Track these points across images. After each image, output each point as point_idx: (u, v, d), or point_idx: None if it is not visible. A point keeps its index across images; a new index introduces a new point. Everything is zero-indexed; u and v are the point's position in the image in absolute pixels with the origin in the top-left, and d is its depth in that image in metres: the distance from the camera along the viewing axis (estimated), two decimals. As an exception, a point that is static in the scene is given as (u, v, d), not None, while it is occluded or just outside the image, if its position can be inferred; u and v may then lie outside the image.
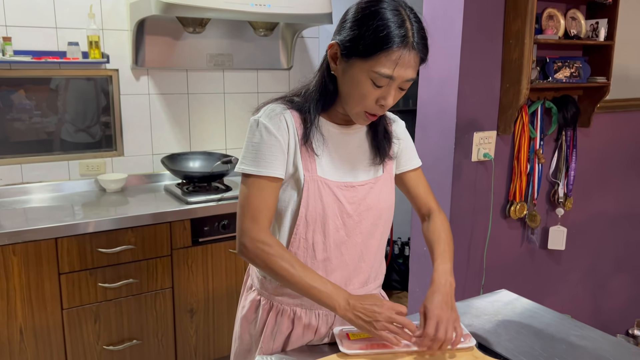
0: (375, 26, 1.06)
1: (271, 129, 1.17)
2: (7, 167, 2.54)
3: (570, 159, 2.50)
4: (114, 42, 2.68)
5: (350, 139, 1.26)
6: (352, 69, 1.11)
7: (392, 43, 1.05)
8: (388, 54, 1.06)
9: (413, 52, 1.08)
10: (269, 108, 1.21)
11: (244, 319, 1.34)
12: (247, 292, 1.36)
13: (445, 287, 1.20)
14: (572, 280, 2.74)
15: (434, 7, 2.21)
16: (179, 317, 2.49)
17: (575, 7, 2.38)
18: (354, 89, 1.13)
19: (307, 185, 1.19)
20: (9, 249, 2.09)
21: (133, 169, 2.86)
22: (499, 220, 2.40)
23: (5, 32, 2.44)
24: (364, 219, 1.26)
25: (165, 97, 2.88)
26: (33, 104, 2.57)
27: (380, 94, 1.12)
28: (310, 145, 1.19)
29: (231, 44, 2.96)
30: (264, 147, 1.17)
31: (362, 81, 1.11)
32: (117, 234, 2.29)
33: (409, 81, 1.12)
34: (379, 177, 1.29)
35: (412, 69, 1.10)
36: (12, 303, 2.13)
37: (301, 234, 1.21)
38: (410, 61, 1.08)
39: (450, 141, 2.20)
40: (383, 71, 1.07)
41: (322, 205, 1.20)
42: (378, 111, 1.15)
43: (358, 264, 1.28)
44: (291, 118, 1.19)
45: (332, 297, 1.13)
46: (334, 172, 1.23)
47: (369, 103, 1.13)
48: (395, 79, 1.09)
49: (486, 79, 2.21)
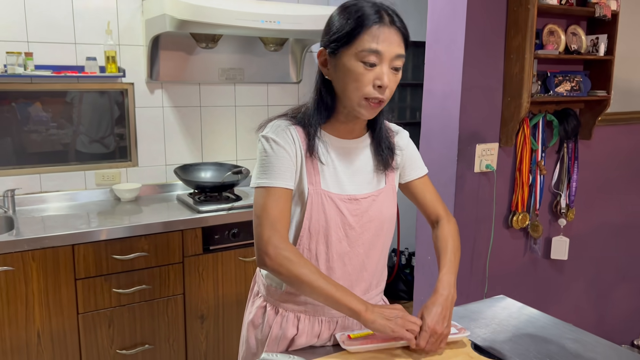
0: (352, 14, 1.16)
1: (279, 142, 1.22)
2: (26, 176, 2.65)
3: (572, 171, 2.55)
4: (130, 57, 2.79)
5: (353, 151, 1.31)
6: (342, 60, 1.17)
7: (369, 20, 1.14)
8: (368, 31, 1.13)
9: (393, 28, 1.15)
10: (274, 124, 1.26)
11: (250, 324, 1.40)
12: (254, 298, 1.42)
13: (446, 300, 1.25)
14: (575, 290, 2.78)
15: (438, 23, 2.29)
16: (189, 322, 2.57)
17: (575, 23, 2.46)
18: (349, 78, 1.17)
19: (311, 198, 1.24)
20: (28, 255, 2.18)
21: (147, 179, 2.95)
22: (501, 230, 2.45)
23: (27, 48, 2.56)
24: (366, 231, 1.31)
25: (178, 110, 2.98)
26: (50, 116, 2.68)
27: (374, 75, 1.15)
28: (315, 157, 1.24)
29: (242, 58, 3.06)
30: (274, 159, 1.21)
31: (353, 67, 1.15)
32: (131, 241, 2.37)
33: (399, 58, 1.17)
34: (382, 189, 1.33)
35: (396, 44, 1.15)
36: (31, 307, 2.21)
37: (305, 244, 1.27)
38: (392, 36, 1.15)
39: (453, 153, 2.27)
40: (368, 46, 1.13)
41: (325, 218, 1.25)
42: (378, 94, 1.17)
43: (360, 274, 1.33)
44: (296, 132, 1.25)
45: (356, 301, 1.18)
46: (337, 185, 1.27)
47: (366, 87, 1.16)
48: (383, 54, 1.14)
49: (488, 93, 2.28)
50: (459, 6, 2.18)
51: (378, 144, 1.32)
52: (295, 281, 1.18)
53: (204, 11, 2.38)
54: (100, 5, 2.68)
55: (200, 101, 3.03)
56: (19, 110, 2.60)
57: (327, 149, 1.28)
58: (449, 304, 1.25)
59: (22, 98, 2.60)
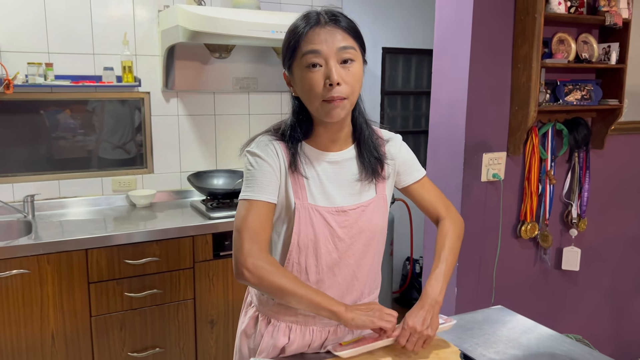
0: (290, 31, 1.22)
1: (263, 156, 1.25)
2: (45, 182, 2.74)
3: (584, 180, 2.52)
4: (146, 67, 2.87)
5: (339, 164, 1.31)
6: (295, 74, 1.22)
7: (301, 28, 1.18)
8: (304, 38, 1.17)
9: (328, 26, 1.17)
10: (258, 140, 1.29)
11: (243, 334, 1.43)
12: (247, 308, 1.45)
13: (431, 306, 1.28)
14: (589, 302, 2.74)
15: (444, 32, 2.30)
16: (200, 327, 2.61)
17: (587, 32, 2.43)
18: (304, 87, 1.20)
19: (298, 212, 1.25)
20: (44, 259, 2.26)
21: (162, 185, 3.03)
22: (510, 240, 2.44)
23: (48, 59, 2.66)
24: (357, 241, 1.31)
25: (193, 118, 3.05)
26: (68, 124, 2.77)
27: (323, 75, 1.17)
28: (298, 172, 1.26)
29: (256, 68, 3.12)
30: (257, 173, 1.25)
31: (303, 74, 1.19)
32: (142, 246, 2.43)
33: (345, 50, 1.17)
34: (371, 199, 1.33)
35: (334, 39, 1.17)
36: (45, 309, 2.29)
37: (294, 259, 1.28)
38: (328, 33, 1.17)
39: (459, 162, 2.27)
40: (305, 49, 1.17)
41: (313, 231, 1.26)
42: (332, 93, 1.17)
43: (351, 283, 1.34)
44: (279, 147, 1.27)
45: (335, 304, 1.21)
46: (324, 198, 1.28)
47: (318, 89, 1.18)
48: (322, 51, 1.16)
49: (495, 102, 2.27)
50: (465, 15, 2.18)
51: (364, 155, 1.32)
52: (276, 291, 1.20)
53: (215, 22, 2.44)
54: (118, 16, 2.77)
55: (215, 110, 3.09)
56: (39, 118, 2.70)
57: (311, 163, 1.29)
58: (432, 309, 1.28)
59: (42, 107, 2.70)
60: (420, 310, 1.27)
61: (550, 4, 2.21)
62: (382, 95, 3.76)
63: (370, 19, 3.58)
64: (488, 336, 1.46)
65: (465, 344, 1.41)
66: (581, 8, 2.32)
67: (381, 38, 3.65)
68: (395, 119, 3.88)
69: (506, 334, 1.48)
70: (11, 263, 2.20)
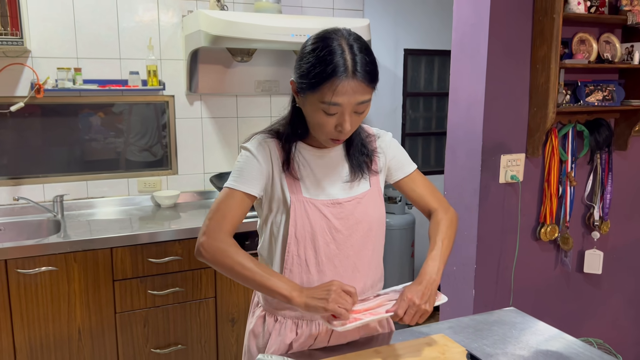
0: (318, 60, 1.17)
1: (255, 153, 1.31)
2: (74, 183, 2.84)
3: (606, 182, 2.49)
4: (170, 71, 2.95)
5: (329, 159, 1.37)
6: (307, 102, 1.23)
7: (331, 74, 1.15)
8: (330, 85, 1.16)
9: (354, 80, 1.16)
10: (256, 137, 1.35)
11: (251, 334, 1.47)
12: (254, 308, 1.50)
13: (429, 282, 1.28)
14: (612, 306, 2.69)
15: (462, 34, 2.30)
16: (221, 325, 2.67)
17: (609, 31, 2.40)
18: (313, 120, 1.24)
19: (294, 205, 1.31)
20: (71, 257, 2.35)
21: (186, 186, 3.10)
22: (529, 242, 2.42)
23: (77, 64, 2.76)
24: (354, 232, 1.36)
25: (216, 121, 3.11)
26: (96, 127, 2.87)
27: (336, 121, 1.21)
28: (291, 170, 1.32)
29: (277, 71, 3.16)
30: (245, 167, 1.30)
31: (316, 112, 1.22)
32: (165, 245, 2.50)
33: (362, 104, 1.20)
34: (366, 191, 1.38)
35: (356, 95, 1.18)
36: (72, 305, 2.38)
37: (293, 251, 1.33)
38: (352, 88, 1.17)
39: (477, 163, 2.26)
40: (328, 99, 1.17)
41: (309, 223, 1.31)
42: (340, 136, 1.24)
43: (352, 274, 1.38)
44: (274, 146, 1.33)
45: (287, 288, 1.21)
46: (319, 191, 1.34)
47: (328, 130, 1.23)
48: (344, 106, 1.18)
49: (513, 103, 2.26)
50: (483, 17, 2.18)
51: (353, 155, 1.37)
52: (227, 271, 1.24)
53: (237, 27, 2.49)
54: (143, 22, 2.85)
55: (237, 112, 3.15)
56: (68, 122, 2.80)
57: (306, 160, 1.34)
58: (431, 286, 1.28)
59: (71, 110, 2.80)
60: (419, 285, 1.28)
61: (569, 4, 2.19)
62: (404, 97, 3.76)
63: (392, 20, 3.59)
64: (497, 337, 1.47)
65: (473, 344, 1.42)
66: (602, 7, 2.29)
67: (403, 40, 3.66)
68: (418, 120, 3.87)
69: (516, 335, 1.48)
70: (40, 260, 2.29)
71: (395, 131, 3.74)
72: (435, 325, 1.55)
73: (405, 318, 1.25)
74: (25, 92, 2.66)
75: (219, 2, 2.82)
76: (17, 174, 2.74)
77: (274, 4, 2.86)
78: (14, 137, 2.71)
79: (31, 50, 2.66)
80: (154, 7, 2.87)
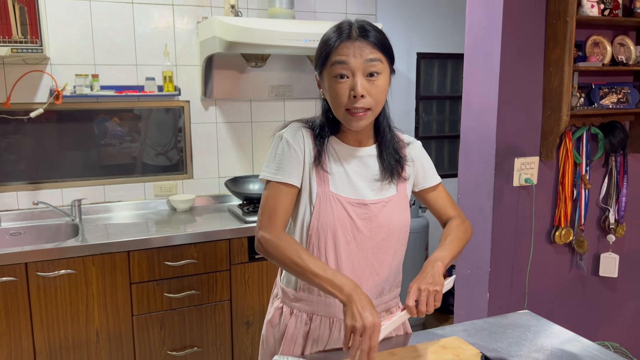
0: (325, 39, 1.30)
1: (291, 143, 1.34)
2: (91, 187, 2.89)
3: (621, 185, 2.47)
4: (185, 77, 2.99)
5: (361, 159, 1.39)
6: (324, 81, 1.31)
7: (333, 40, 1.26)
8: (335, 50, 1.26)
9: (357, 41, 1.25)
10: (292, 125, 1.39)
11: (269, 324, 1.49)
12: (273, 299, 1.52)
13: (431, 267, 1.27)
14: (627, 309, 2.67)
15: (475, 37, 2.31)
16: (236, 328, 2.69)
17: (623, 34, 2.39)
18: (330, 95, 1.30)
19: (319, 198, 1.33)
20: (89, 260, 2.39)
21: (201, 190, 3.13)
22: (544, 245, 2.41)
23: (94, 70, 2.81)
24: (375, 235, 1.37)
25: (231, 125, 3.14)
26: (113, 132, 2.91)
27: (348, 86, 1.26)
28: (322, 163, 1.35)
29: (291, 76, 3.19)
30: (284, 158, 1.34)
31: (330, 84, 1.28)
32: (181, 249, 2.53)
33: (371, 62, 1.25)
34: (392, 196, 1.40)
35: (363, 52, 1.25)
36: (91, 307, 2.42)
37: (314, 243, 1.35)
38: (357, 46, 1.25)
39: (490, 166, 2.27)
40: (334, 59, 1.25)
41: (333, 218, 1.33)
42: (355, 104, 1.26)
43: (370, 277, 1.39)
44: (309, 136, 1.36)
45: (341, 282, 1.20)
46: (346, 189, 1.36)
47: (343, 99, 1.27)
48: (350, 63, 1.24)
49: (527, 106, 2.26)
50: (496, 20, 2.19)
51: (384, 156, 1.40)
52: (283, 264, 1.28)
53: (251, 33, 2.53)
54: (159, 29, 2.90)
55: (252, 117, 3.18)
56: (85, 127, 2.85)
57: (338, 156, 1.37)
58: (432, 270, 1.25)
59: (88, 116, 2.85)
60: (422, 273, 1.26)
61: (582, 7, 2.19)
62: (417, 100, 3.77)
63: (404, 24, 3.60)
64: (512, 340, 1.47)
65: (488, 346, 1.43)
66: (616, 10, 2.28)
67: (415, 43, 3.67)
68: (431, 124, 3.88)
69: (531, 338, 1.48)
70: (59, 264, 2.33)
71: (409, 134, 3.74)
72: (450, 327, 1.55)
73: (420, 307, 1.21)
74: (44, 99, 2.72)
75: (234, 8, 2.85)
76: (36, 178, 2.79)
77: (288, 9, 2.89)
78: (33, 143, 2.77)
79: (50, 58, 2.71)
80: (169, 14, 2.91)
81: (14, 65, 2.65)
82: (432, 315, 3.74)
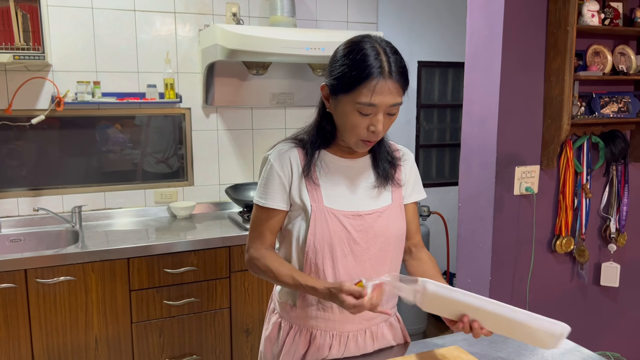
0: (354, 62, 1.22)
1: (275, 167, 1.35)
2: (92, 194, 2.89)
3: (622, 194, 2.47)
4: (187, 84, 3.00)
5: (354, 169, 1.39)
6: (340, 104, 1.26)
7: (369, 75, 1.20)
8: (366, 85, 1.20)
9: (390, 81, 1.21)
10: (278, 147, 1.38)
11: (267, 339, 1.49)
12: (271, 315, 1.51)
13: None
14: (629, 319, 2.66)
15: (476, 46, 2.32)
16: (235, 336, 2.68)
17: (624, 43, 2.40)
18: (346, 122, 1.26)
19: (314, 214, 1.33)
20: (88, 267, 2.38)
21: (202, 197, 3.13)
22: (544, 254, 2.41)
23: (96, 77, 2.81)
24: (372, 246, 1.36)
25: (231, 133, 3.15)
26: (114, 139, 2.92)
27: (369, 122, 1.24)
28: (312, 177, 1.34)
29: (292, 83, 3.20)
30: (268, 182, 1.37)
31: (350, 113, 1.25)
32: (181, 256, 2.53)
33: (394, 106, 1.24)
34: (387, 205, 1.39)
35: (392, 95, 1.22)
36: (90, 314, 2.41)
37: (311, 259, 1.34)
38: (388, 89, 1.21)
39: (491, 175, 2.27)
40: (364, 100, 1.21)
41: (329, 232, 1.33)
42: (372, 137, 1.27)
43: None
44: (296, 155, 1.35)
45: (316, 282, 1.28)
46: (340, 201, 1.35)
47: (361, 132, 1.26)
48: (378, 106, 1.22)
49: (528, 115, 2.27)
50: (496, 29, 2.20)
51: (379, 163, 1.40)
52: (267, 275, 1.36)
53: (252, 40, 2.53)
54: (161, 36, 2.91)
55: (253, 124, 3.19)
56: (87, 134, 2.86)
57: (329, 169, 1.36)
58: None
59: (90, 123, 2.86)
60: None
61: (583, 17, 2.19)
62: (418, 109, 3.77)
63: (405, 33, 3.61)
64: (512, 349, 1.46)
65: (488, 356, 1.42)
66: (617, 19, 2.29)
67: (416, 52, 3.68)
68: (432, 132, 3.88)
69: (531, 348, 1.48)
70: (59, 270, 2.33)
71: (410, 143, 3.75)
72: (450, 337, 1.55)
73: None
74: (46, 105, 2.72)
75: (235, 16, 2.86)
76: (37, 185, 2.80)
77: (289, 17, 2.90)
78: (34, 149, 2.77)
79: (52, 65, 2.72)
80: (171, 21, 2.92)
81: (16, 72, 2.66)
82: (432, 324, 3.72)
